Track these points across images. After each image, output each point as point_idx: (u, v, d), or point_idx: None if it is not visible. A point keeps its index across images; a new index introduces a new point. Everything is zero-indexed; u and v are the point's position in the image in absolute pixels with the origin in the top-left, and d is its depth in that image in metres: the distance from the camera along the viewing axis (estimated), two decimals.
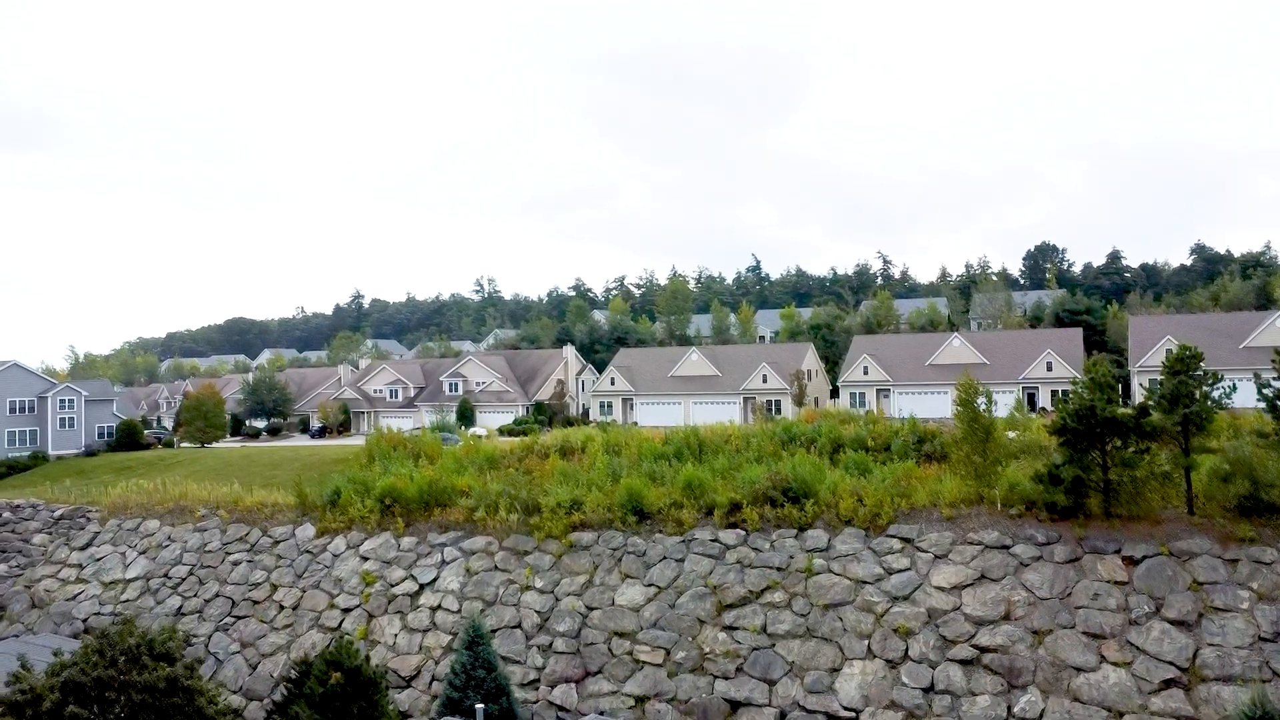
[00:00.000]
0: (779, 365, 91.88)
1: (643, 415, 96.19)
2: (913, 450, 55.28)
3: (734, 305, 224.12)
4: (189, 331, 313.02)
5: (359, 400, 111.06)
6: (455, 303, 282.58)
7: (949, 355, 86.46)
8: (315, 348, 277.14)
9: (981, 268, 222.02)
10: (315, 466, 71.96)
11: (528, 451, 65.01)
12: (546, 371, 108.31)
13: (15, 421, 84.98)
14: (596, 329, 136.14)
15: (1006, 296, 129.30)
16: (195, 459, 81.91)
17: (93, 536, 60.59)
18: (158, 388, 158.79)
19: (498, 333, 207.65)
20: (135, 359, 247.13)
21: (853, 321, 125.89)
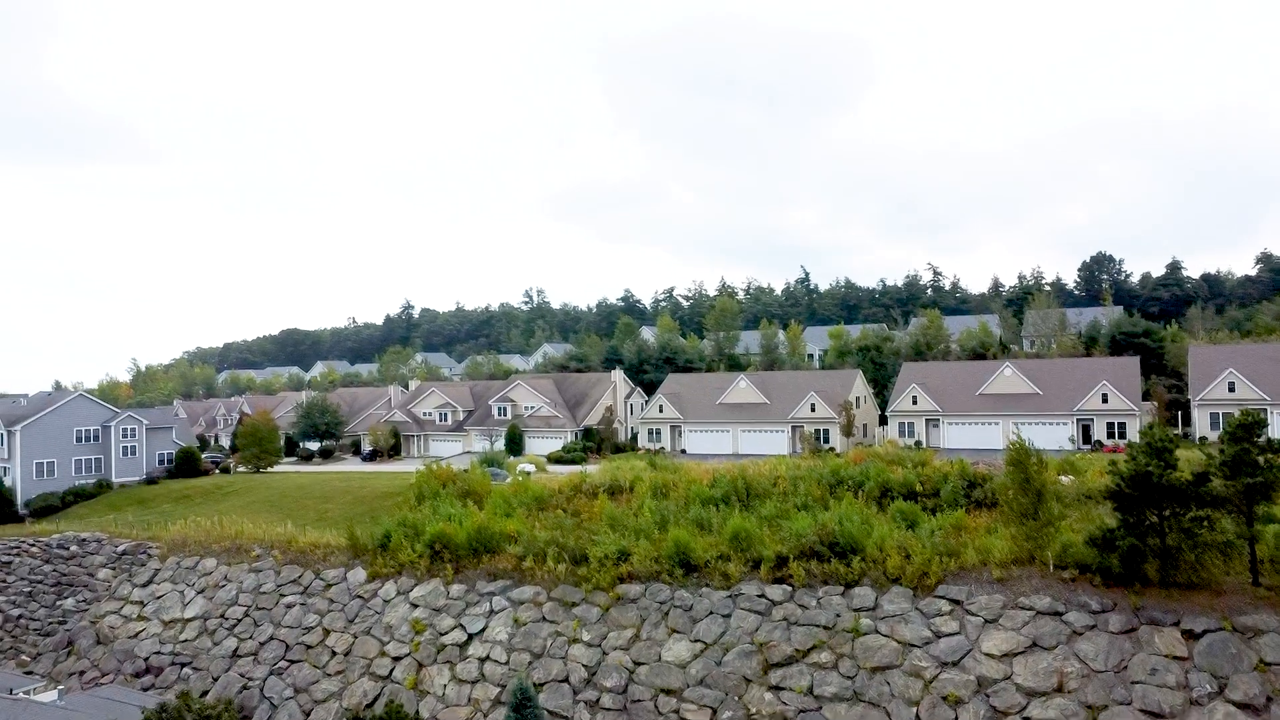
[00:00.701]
0: (827, 393, 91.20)
1: (691, 443, 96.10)
2: (962, 497, 54.59)
3: (783, 318, 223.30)
4: (245, 342, 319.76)
5: (409, 423, 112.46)
6: (504, 314, 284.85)
7: (1000, 385, 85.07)
8: (366, 359, 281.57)
9: (1035, 279, 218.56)
10: (366, 501, 73.13)
11: (576, 490, 65.39)
12: (595, 396, 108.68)
13: (81, 450, 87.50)
14: (645, 348, 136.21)
15: (1060, 315, 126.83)
16: (250, 488, 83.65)
17: (154, 573, 62.19)
18: (215, 403, 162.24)
19: (547, 348, 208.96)
20: (194, 370, 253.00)
21: (901, 341, 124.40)
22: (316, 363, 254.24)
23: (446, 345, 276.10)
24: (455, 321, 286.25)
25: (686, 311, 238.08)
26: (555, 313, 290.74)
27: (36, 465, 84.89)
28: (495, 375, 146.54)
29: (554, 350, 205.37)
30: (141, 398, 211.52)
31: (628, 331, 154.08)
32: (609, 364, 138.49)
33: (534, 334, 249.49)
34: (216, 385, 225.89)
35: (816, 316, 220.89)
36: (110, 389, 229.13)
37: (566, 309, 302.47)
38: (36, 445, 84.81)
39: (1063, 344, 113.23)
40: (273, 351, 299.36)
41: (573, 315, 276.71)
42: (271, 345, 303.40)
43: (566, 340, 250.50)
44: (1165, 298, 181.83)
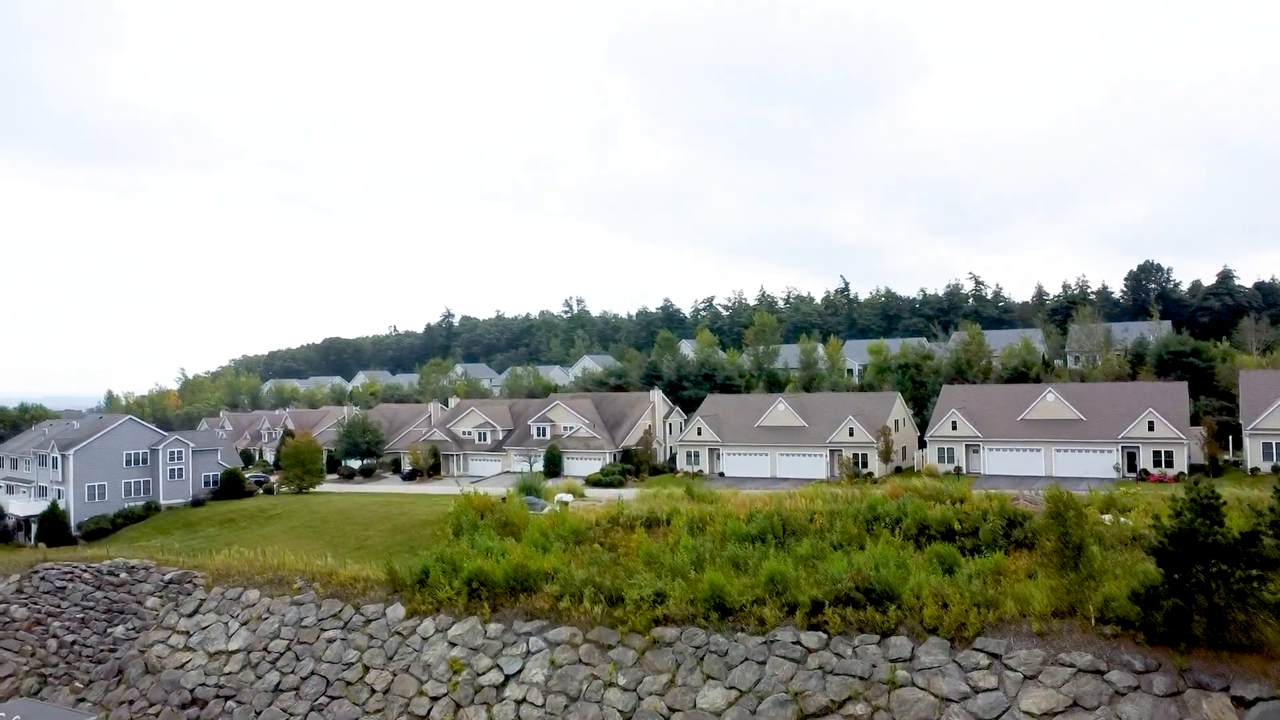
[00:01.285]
0: (866, 417, 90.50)
1: (729, 465, 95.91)
2: (1001, 537, 53.93)
3: (823, 329, 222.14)
4: (289, 350, 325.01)
5: (448, 442, 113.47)
6: (544, 323, 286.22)
7: (1042, 410, 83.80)
8: (407, 368, 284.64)
9: (1080, 288, 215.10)
10: (405, 529, 73.97)
11: (613, 523, 65.62)
12: (634, 416, 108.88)
13: (130, 473, 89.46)
14: (684, 364, 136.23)
15: (1105, 331, 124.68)
16: (293, 511, 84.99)
17: (199, 603, 63.41)
18: (259, 416, 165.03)
19: (586, 360, 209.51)
20: (240, 380, 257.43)
21: (941, 359, 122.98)
22: (358, 373, 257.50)
23: (486, 354, 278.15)
24: (495, 331, 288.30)
25: (726, 321, 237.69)
26: (595, 321, 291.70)
27: (88, 488, 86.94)
28: (534, 392, 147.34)
29: (593, 364, 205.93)
30: (189, 408, 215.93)
31: (666, 346, 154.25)
32: (648, 380, 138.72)
33: (573, 344, 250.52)
34: (261, 395, 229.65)
35: (856, 327, 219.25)
36: (159, 398, 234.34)
37: (606, 317, 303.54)
38: (88, 469, 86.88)
39: (1107, 363, 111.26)
40: (315, 360, 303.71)
41: (612, 324, 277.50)
42: (314, 354, 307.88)
43: (606, 349, 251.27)
44: (1216, 307, 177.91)
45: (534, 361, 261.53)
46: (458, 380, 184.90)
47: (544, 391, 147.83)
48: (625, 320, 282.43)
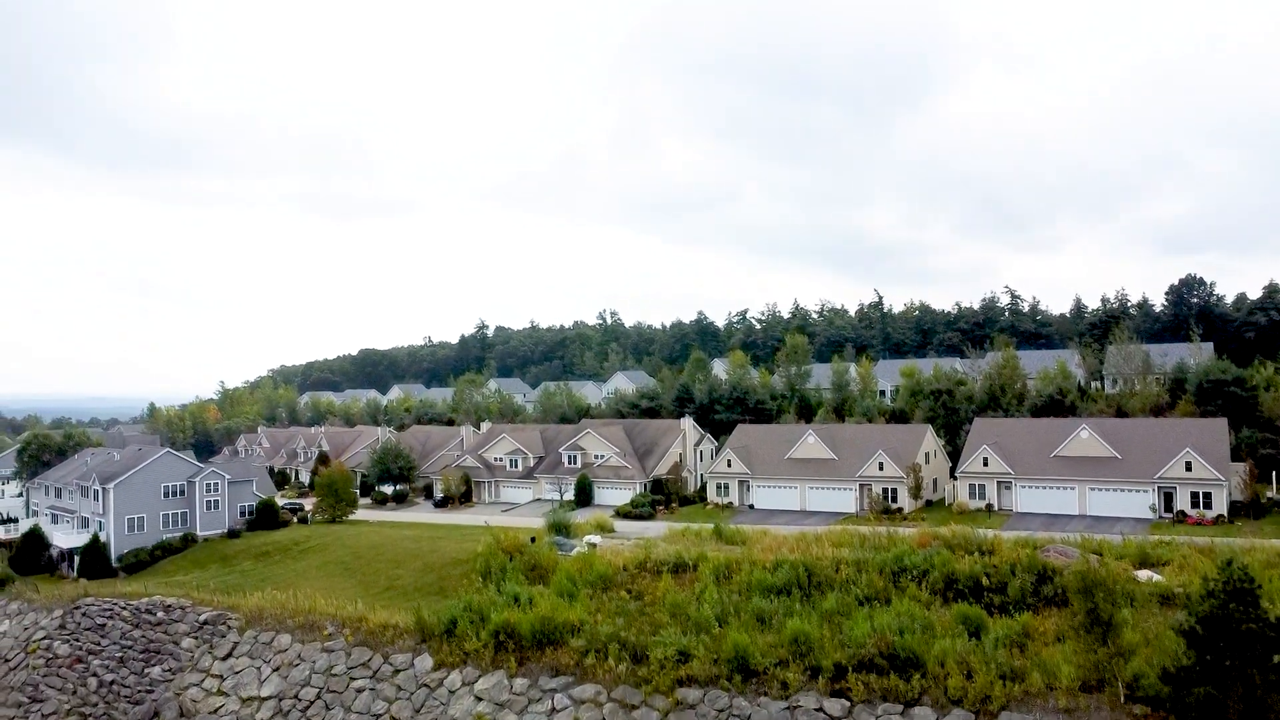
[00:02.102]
0: (896, 451, 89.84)
1: (759, 498, 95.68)
2: (1030, 594, 53.32)
3: (856, 341, 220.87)
4: (326, 361, 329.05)
5: (479, 469, 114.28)
6: (577, 335, 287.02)
7: (1076, 447, 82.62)
8: (441, 380, 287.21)
9: (1120, 301, 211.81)
10: (435, 569, 74.63)
11: (640, 568, 65.82)
12: (664, 445, 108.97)
13: (168, 505, 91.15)
14: (716, 386, 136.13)
15: (1143, 356, 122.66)
16: (326, 545, 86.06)
17: (232, 647, 64.46)
18: (295, 434, 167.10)
19: (619, 377, 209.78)
20: (277, 392, 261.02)
21: (974, 383, 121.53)
22: (393, 387, 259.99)
23: (521, 366, 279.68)
24: (529, 343, 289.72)
25: (760, 334, 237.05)
26: (629, 333, 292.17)
27: (128, 520, 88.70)
28: (567, 415, 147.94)
29: (626, 381, 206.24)
30: (229, 423, 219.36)
31: (699, 366, 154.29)
32: (680, 402, 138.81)
33: (607, 357, 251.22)
34: (298, 409, 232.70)
35: (890, 341, 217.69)
36: (199, 411, 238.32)
37: (640, 328, 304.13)
38: (127, 501, 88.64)
39: (1145, 391, 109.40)
40: (351, 372, 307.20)
41: (646, 336, 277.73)
42: (350, 365, 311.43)
43: (640, 362, 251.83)
44: (1262, 323, 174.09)
45: (568, 374, 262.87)
46: (490, 399, 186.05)
47: (576, 415, 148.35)
48: (659, 332, 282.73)
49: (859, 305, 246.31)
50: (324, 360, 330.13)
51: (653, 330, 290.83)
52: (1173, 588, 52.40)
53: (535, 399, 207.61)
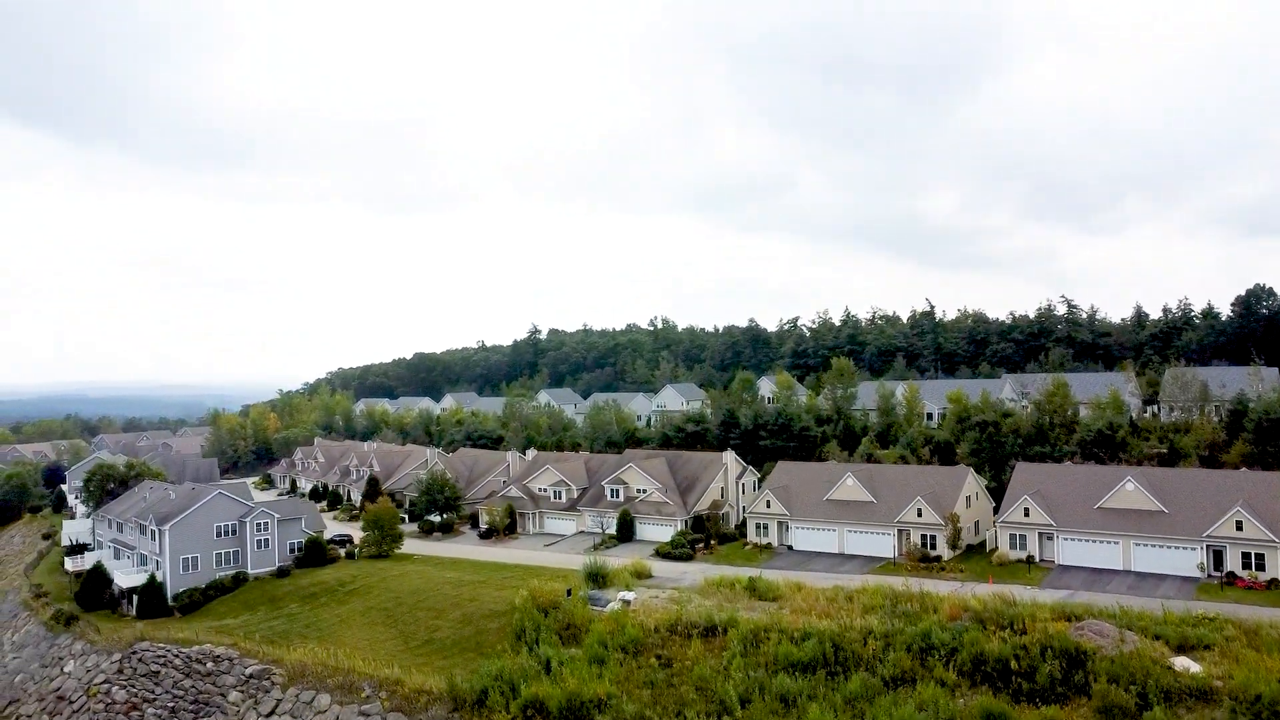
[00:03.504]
0: (935, 496, 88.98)
1: (798, 539, 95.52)
2: (1060, 683, 52.68)
3: (908, 351, 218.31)
4: (382, 365, 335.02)
5: (524, 500, 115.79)
6: (630, 342, 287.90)
7: (1121, 499, 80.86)
8: (494, 386, 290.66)
9: (1183, 312, 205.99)
10: (474, 621, 76.06)
11: (671, 631, 66.45)
12: (706, 480, 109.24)
13: (220, 544, 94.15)
14: (761, 413, 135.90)
15: (1200, 386, 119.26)
16: (370, 587, 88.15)
17: (276, 703, 66.64)
18: (349, 450, 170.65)
19: (669, 391, 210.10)
20: (334, 399, 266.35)
21: (1021, 413, 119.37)
22: (445, 395, 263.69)
23: (573, 373, 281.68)
24: (581, 349, 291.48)
25: (810, 343, 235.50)
26: (681, 337, 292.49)
27: (183, 560, 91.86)
28: (613, 439, 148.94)
29: (676, 396, 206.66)
30: (287, 432, 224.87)
31: (745, 386, 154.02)
32: (725, 427, 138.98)
33: (659, 365, 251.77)
34: (354, 417, 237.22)
35: (941, 351, 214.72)
36: (259, 419, 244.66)
37: (694, 333, 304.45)
38: (182, 541, 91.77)
39: (1201, 427, 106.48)
40: (406, 377, 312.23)
41: (699, 342, 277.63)
42: (405, 370, 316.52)
43: (691, 370, 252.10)
44: None
45: (620, 381, 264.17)
46: (540, 412, 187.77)
47: (623, 437, 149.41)
48: (711, 337, 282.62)
49: (911, 312, 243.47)
50: (380, 364, 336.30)
51: (705, 335, 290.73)
52: (1212, 680, 51.28)
53: (585, 410, 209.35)
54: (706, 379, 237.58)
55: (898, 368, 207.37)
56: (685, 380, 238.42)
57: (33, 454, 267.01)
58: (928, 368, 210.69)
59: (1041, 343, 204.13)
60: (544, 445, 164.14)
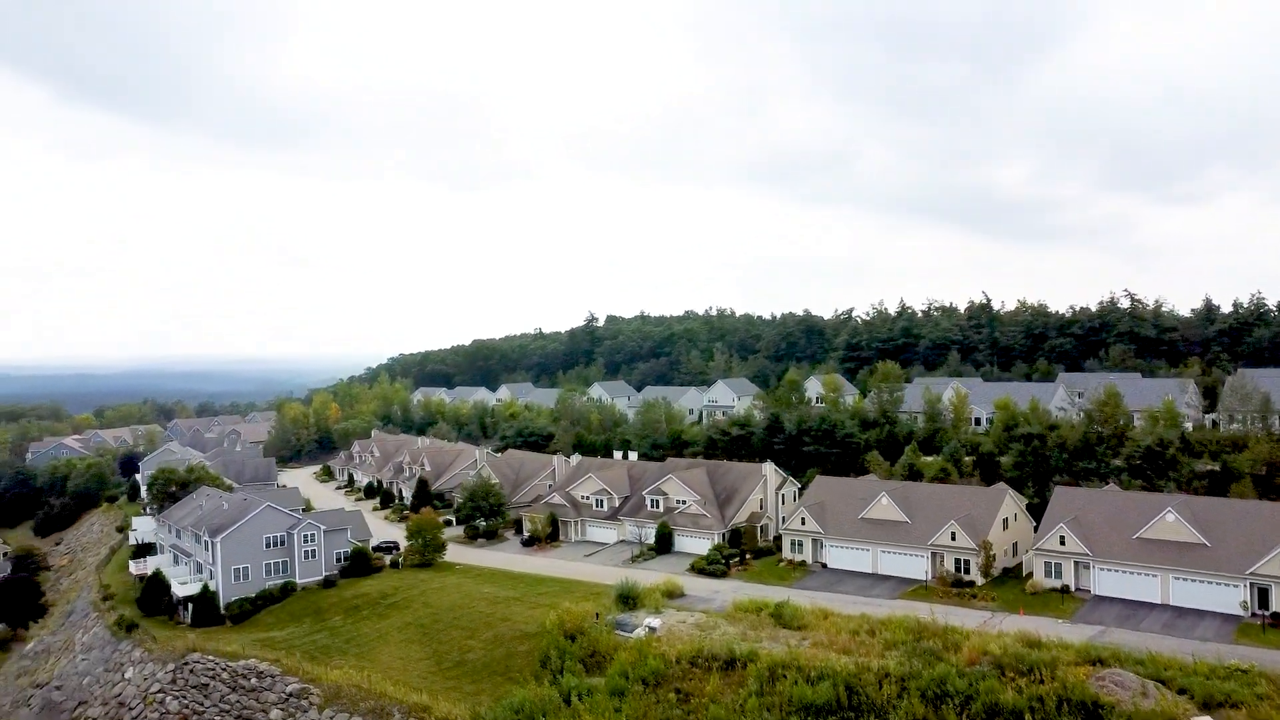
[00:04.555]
0: (970, 520, 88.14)
1: (832, 557, 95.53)
2: None
3: (964, 345, 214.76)
4: (441, 352, 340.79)
5: (566, 508, 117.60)
6: (685, 331, 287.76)
7: (1160, 530, 79.06)
8: (550, 373, 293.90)
9: (1255, 305, 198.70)
10: (505, 642, 78.02)
11: (693, 662, 67.48)
12: (745, 491, 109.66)
13: (270, 555, 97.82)
14: (806, 418, 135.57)
15: (1263, 399, 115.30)
16: (410, 601, 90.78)
17: None
18: (402, 446, 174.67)
19: (721, 386, 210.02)
20: (393, 389, 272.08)
21: (1073, 419, 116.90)
22: (501, 386, 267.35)
23: (628, 362, 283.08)
24: (636, 338, 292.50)
25: (864, 336, 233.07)
26: (737, 325, 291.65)
27: (234, 571, 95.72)
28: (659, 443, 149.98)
29: (727, 391, 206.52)
30: (346, 423, 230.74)
31: (793, 388, 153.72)
32: (770, 431, 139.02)
33: (713, 357, 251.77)
34: (411, 407, 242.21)
35: (998, 345, 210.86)
36: (321, 408, 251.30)
37: (750, 320, 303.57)
38: (234, 552, 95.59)
39: (1258, 445, 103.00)
40: (464, 365, 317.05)
41: (753, 332, 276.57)
42: (462, 359, 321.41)
43: (745, 361, 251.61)
44: None
45: (674, 372, 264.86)
46: (591, 407, 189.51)
47: (670, 440, 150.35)
48: (766, 326, 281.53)
49: (969, 303, 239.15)
50: (439, 351, 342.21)
51: (760, 325, 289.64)
52: None
53: (638, 403, 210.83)
54: (759, 371, 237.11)
55: (952, 362, 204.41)
56: (739, 373, 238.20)
57: (113, 439, 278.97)
58: (983, 362, 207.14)
59: (1102, 338, 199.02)
60: (593, 444, 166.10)
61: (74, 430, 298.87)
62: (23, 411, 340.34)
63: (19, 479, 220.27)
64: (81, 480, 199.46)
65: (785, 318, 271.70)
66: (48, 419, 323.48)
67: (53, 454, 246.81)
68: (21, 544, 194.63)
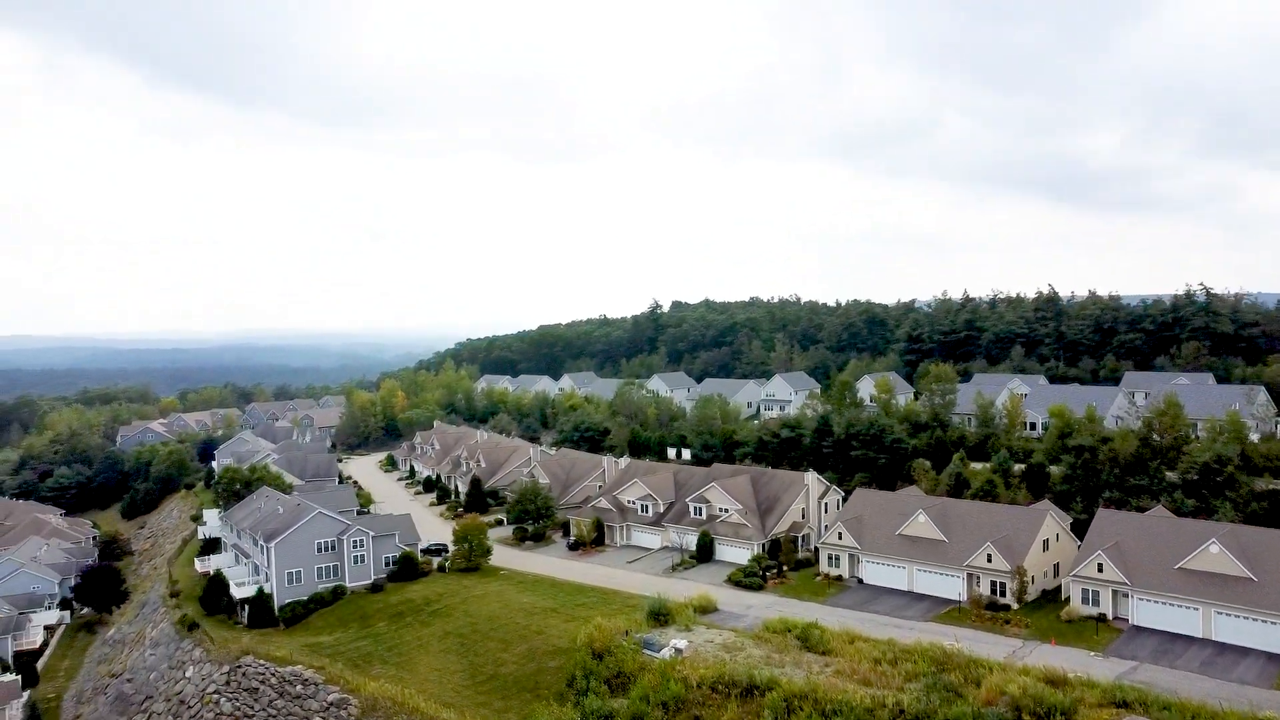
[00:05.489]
0: (1009, 541, 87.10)
1: (868, 572, 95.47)
2: None
3: (1029, 338, 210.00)
4: (506, 338, 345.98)
5: (612, 512, 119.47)
6: (747, 321, 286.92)
7: (1204, 561, 76.95)
8: (613, 361, 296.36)
9: None
10: (537, 657, 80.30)
11: (714, 688, 68.64)
12: (787, 501, 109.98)
13: (321, 559, 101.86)
14: (855, 422, 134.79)
15: None
16: (451, 609, 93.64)
17: None
18: (461, 440, 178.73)
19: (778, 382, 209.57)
20: (458, 377, 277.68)
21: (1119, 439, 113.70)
22: (564, 375, 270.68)
23: (691, 351, 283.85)
24: (700, 327, 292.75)
25: (925, 327, 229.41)
26: (800, 314, 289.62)
27: (288, 574, 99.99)
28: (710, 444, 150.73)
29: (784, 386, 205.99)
30: (412, 412, 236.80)
31: (844, 389, 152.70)
32: (819, 434, 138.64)
33: (774, 348, 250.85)
34: (474, 396, 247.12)
35: (1064, 339, 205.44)
36: (388, 396, 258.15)
37: (813, 307, 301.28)
38: (288, 557, 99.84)
39: None
40: (529, 352, 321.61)
41: (816, 321, 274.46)
42: (528, 345, 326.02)
43: (806, 351, 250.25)
44: None
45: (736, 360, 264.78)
46: (648, 400, 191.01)
47: (721, 442, 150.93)
48: (829, 315, 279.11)
49: (1037, 293, 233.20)
50: (505, 337, 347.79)
51: (823, 312, 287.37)
52: None
53: (697, 395, 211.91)
54: (820, 363, 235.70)
55: (1015, 357, 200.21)
56: (799, 364, 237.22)
57: (195, 423, 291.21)
58: (1049, 357, 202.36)
59: (1175, 333, 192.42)
60: (647, 441, 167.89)
61: (160, 414, 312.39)
62: (115, 394, 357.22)
63: (109, 464, 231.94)
64: (163, 466, 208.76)
65: (848, 307, 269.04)
66: (137, 401, 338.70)
67: (139, 438, 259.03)
68: (109, 528, 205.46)
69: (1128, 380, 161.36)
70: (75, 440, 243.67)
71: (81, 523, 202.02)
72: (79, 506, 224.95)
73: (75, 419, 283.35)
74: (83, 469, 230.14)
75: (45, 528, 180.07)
